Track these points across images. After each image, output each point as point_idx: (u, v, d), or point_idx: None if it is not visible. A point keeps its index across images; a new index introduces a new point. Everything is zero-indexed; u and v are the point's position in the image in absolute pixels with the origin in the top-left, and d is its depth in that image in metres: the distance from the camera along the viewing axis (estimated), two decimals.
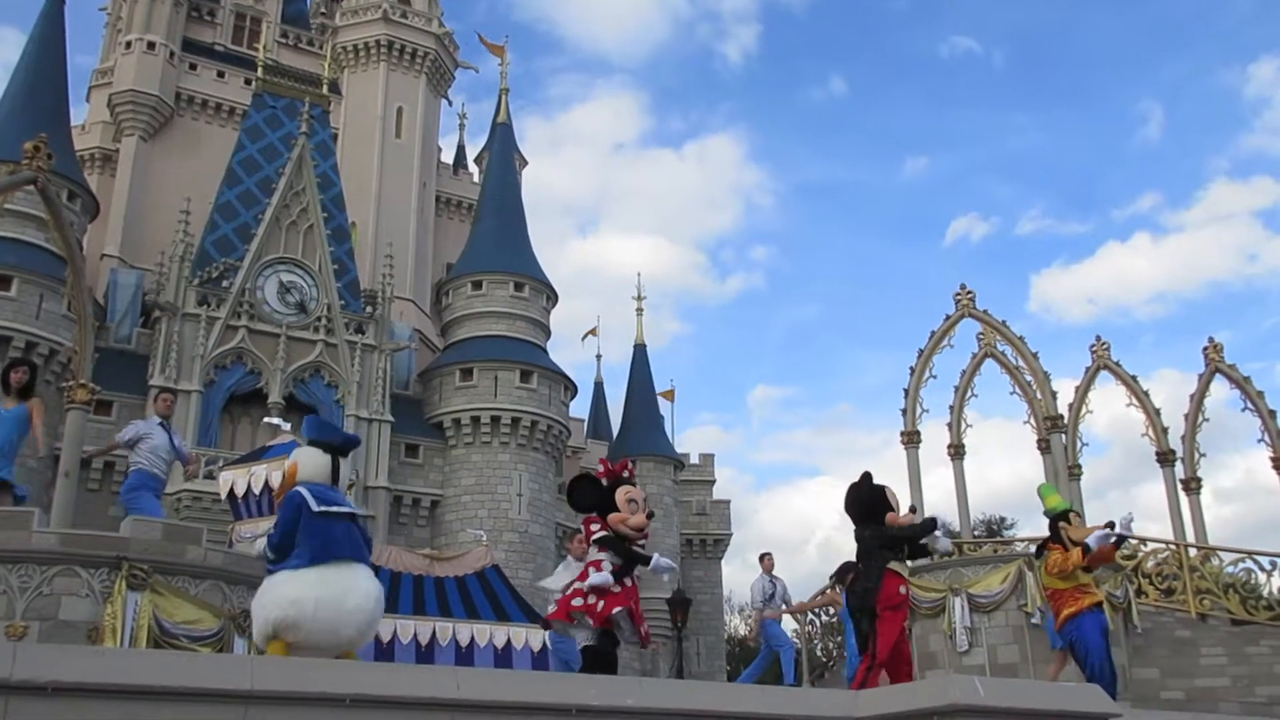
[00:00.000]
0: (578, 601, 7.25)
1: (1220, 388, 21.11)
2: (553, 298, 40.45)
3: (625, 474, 7.69)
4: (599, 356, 54.44)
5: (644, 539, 7.48)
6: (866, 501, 7.88)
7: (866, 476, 8.10)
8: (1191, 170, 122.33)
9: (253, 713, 4.50)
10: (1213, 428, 21.03)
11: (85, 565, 9.49)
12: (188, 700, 4.43)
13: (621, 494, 7.51)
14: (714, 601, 47.33)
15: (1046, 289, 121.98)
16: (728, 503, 49.61)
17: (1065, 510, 9.58)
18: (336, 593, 6.28)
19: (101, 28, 49.23)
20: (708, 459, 50.50)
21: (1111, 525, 9.25)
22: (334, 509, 6.55)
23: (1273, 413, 20.05)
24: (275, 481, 15.59)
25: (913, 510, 8.00)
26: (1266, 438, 20.03)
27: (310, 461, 6.80)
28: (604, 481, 7.64)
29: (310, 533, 6.38)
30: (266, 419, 25.87)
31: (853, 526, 8.02)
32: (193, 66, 44.58)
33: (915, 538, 7.80)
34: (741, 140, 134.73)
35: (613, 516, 7.45)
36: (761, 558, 15.28)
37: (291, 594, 6.21)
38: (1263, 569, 16.84)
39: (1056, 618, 9.54)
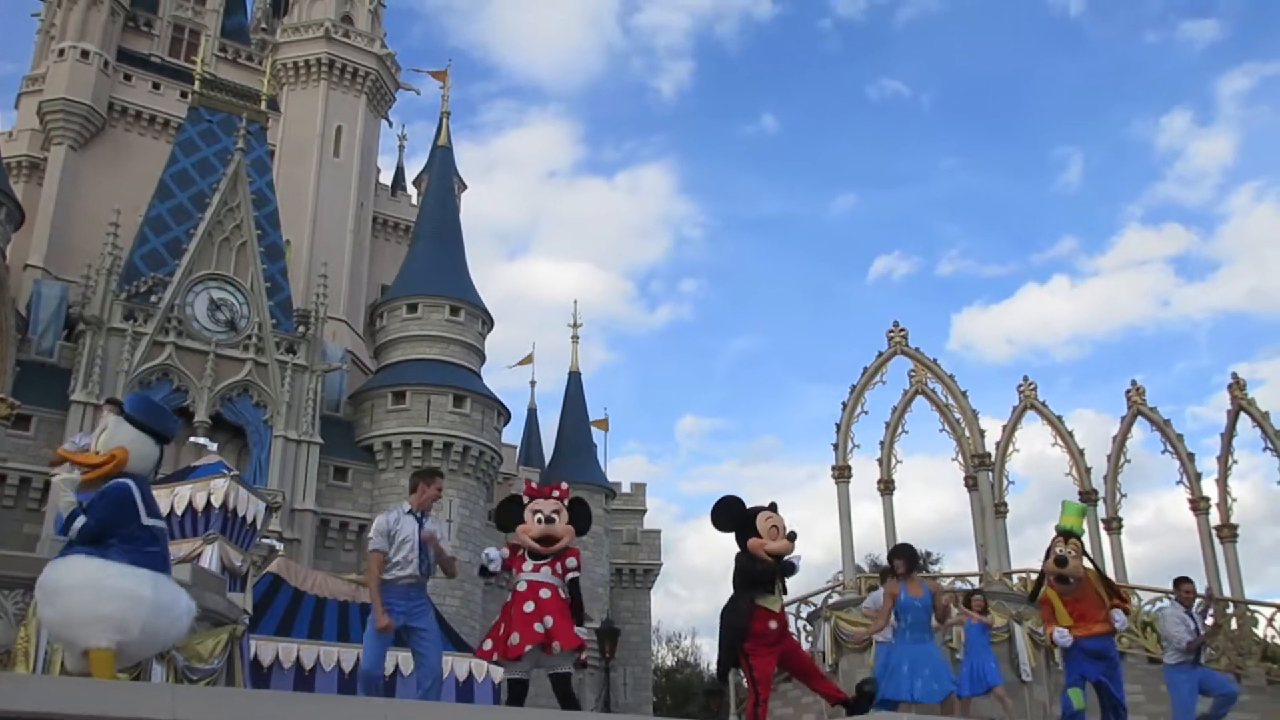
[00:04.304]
0: (487, 645, 7.29)
1: (1136, 429, 21.65)
2: (488, 323, 40.26)
3: (555, 494, 7.75)
4: (533, 383, 54.55)
5: (546, 551, 7.47)
6: (738, 526, 7.63)
7: (731, 500, 7.84)
8: (1107, 216, 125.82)
9: None
10: (1128, 468, 21.54)
11: None
12: None
13: (529, 509, 7.62)
14: (642, 632, 47.19)
15: (966, 328, 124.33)
16: (658, 532, 49.61)
17: (1059, 530, 9.63)
18: (169, 598, 5.79)
19: (33, 33, 48.24)
20: (639, 488, 50.49)
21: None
22: (159, 523, 6.03)
23: (1191, 455, 20.60)
24: (199, 503, 15.32)
25: (791, 537, 7.58)
26: (1185, 480, 20.56)
27: (141, 451, 6.09)
28: (525, 499, 7.75)
29: (139, 539, 5.80)
30: (192, 438, 25.35)
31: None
32: (127, 77, 43.86)
33: (769, 579, 7.52)
34: (673, 172, 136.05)
35: (520, 528, 7.59)
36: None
37: (127, 587, 5.57)
38: None
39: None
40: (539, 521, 7.53)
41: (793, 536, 7.64)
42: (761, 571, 7.45)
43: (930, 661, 9.75)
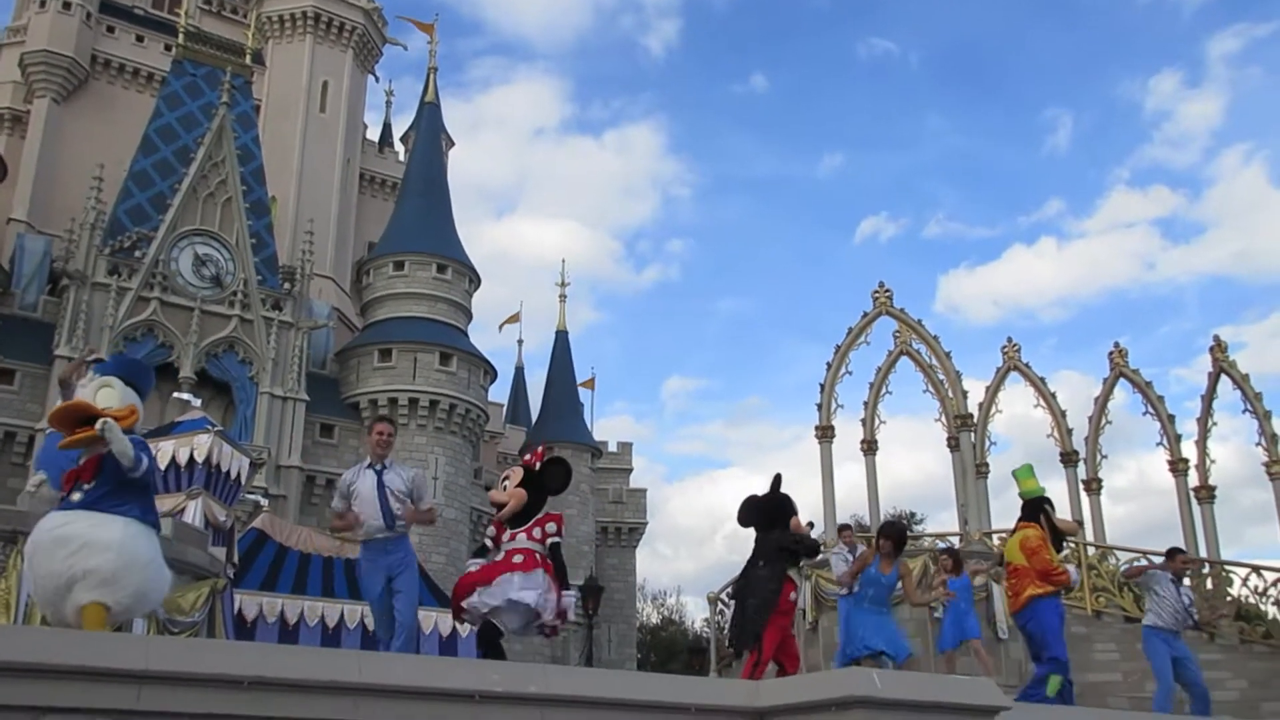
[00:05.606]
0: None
1: (1119, 391, 21.77)
2: (475, 281, 40.14)
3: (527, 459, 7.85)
4: (520, 342, 54.34)
5: (502, 516, 7.48)
6: (775, 506, 8.11)
7: (777, 480, 8.45)
8: (1094, 178, 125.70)
9: (146, 693, 4.42)
10: (1109, 429, 21.69)
11: None
12: (78, 679, 4.33)
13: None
14: (627, 589, 47.56)
15: (953, 290, 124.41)
16: (644, 491, 49.87)
17: (1045, 496, 9.87)
18: (160, 561, 5.82)
19: None
20: (626, 447, 50.68)
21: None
22: None
23: (1171, 417, 20.72)
24: (183, 458, 15.33)
25: (809, 526, 8.49)
26: (1165, 441, 20.70)
27: (139, 410, 6.07)
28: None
29: (150, 494, 5.84)
30: (176, 394, 25.27)
31: (755, 532, 8.32)
32: (110, 29, 43.35)
33: (810, 553, 8.40)
34: (661, 131, 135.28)
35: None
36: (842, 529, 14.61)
37: (148, 553, 5.61)
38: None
39: (1017, 597, 9.64)
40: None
41: (810, 525, 8.67)
42: (807, 549, 8.33)
43: (887, 629, 10.23)
